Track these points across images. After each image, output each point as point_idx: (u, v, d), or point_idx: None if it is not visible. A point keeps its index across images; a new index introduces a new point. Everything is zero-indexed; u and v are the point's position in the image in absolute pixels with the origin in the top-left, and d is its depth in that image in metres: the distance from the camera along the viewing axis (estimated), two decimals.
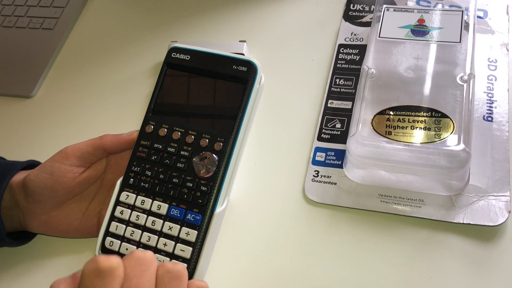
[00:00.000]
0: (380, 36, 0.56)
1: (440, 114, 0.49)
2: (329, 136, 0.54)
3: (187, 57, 0.50)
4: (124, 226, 0.46)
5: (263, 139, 0.56)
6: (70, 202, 0.49)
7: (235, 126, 0.47)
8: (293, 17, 0.67)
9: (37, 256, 0.52)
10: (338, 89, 0.57)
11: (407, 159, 0.47)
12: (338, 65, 0.59)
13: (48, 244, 0.52)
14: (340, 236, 0.48)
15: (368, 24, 0.62)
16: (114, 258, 0.34)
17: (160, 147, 0.47)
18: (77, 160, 0.48)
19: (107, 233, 0.46)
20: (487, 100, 0.53)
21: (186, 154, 0.47)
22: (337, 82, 0.58)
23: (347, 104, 0.56)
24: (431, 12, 0.57)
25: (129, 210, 0.47)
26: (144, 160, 0.48)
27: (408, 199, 0.48)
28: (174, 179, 0.46)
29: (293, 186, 0.52)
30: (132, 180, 0.47)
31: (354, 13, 0.63)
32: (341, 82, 0.58)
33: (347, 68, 0.59)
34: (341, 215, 0.49)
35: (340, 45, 0.61)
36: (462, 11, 0.55)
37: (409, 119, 0.49)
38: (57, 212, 0.49)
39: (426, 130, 0.48)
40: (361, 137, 0.48)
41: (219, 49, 0.50)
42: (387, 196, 0.49)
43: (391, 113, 0.50)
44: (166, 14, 0.72)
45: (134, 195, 0.47)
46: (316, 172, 0.52)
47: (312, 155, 0.53)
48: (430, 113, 0.49)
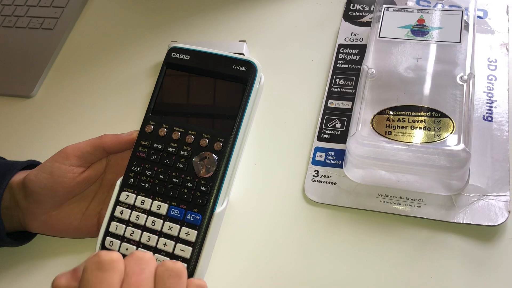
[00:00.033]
0: (380, 36, 0.56)
1: (440, 114, 0.49)
2: (329, 136, 0.54)
3: (187, 57, 0.50)
4: (124, 226, 0.46)
5: (263, 139, 0.56)
6: (70, 202, 0.49)
7: (235, 126, 0.47)
8: (293, 17, 0.67)
9: (37, 256, 0.52)
10: (338, 89, 0.57)
11: (407, 159, 0.47)
12: (338, 65, 0.59)
13: (48, 244, 0.52)
14: (340, 236, 0.48)
15: (368, 24, 0.62)
16: (115, 253, 0.35)
17: (160, 147, 0.47)
18: (77, 160, 0.48)
19: (107, 233, 0.46)
20: (487, 100, 0.53)
21: (186, 154, 0.47)
22: (337, 82, 0.58)
23: (347, 104, 0.56)
24: (431, 12, 0.57)
25: (129, 210, 0.46)
26: (144, 160, 0.48)
27: (408, 199, 0.48)
28: (174, 179, 0.46)
29: (293, 186, 0.52)
30: (132, 180, 0.47)
31: (354, 13, 0.63)
32: (341, 82, 0.58)
33: (347, 68, 0.59)
34: (341, 215, 0.49)
35: (340, 45, 0.61)
36: (462, 11, 0.55)
37: (409, 119, 0.49)
38: (57, 212, 0.49)
39: (426, 130, 0.48)
40: (361, 137, 0.49)
41: (219, 49, 0.50)
42: (387, 196, 0.49)
43: (391, 113, 0.50)
44: (166, 14, 0.72)
45: (134, 195, 0.47)
46: (316, 172, 0.52)
47: (312, 155, 0.53)
48: (430, 113, 0.49)
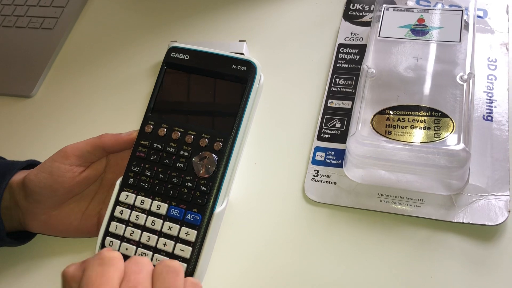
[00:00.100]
0: (380, 35, 0.56)
1: (440, 114, 0.49)
2: (329, 136, 0.54)
3: (187, 57, 0.50)
4: (123, 226, 0.46)
5: (262, 139, 0.56)
6: (70, 201, 0.49)
7: (234, 125, 0.46)
8: (293, 17, 0.67)
9: (37, 256, 0.52)
10: (338, 89, 0.57)
11: (407, 159, 0.47)
12: (338, 65, 0.59)
13: (48, 244, 0.52)
14: (340, 236, 0.48)
15: (368, 23, 0.62)
16: (116, 252, 0.38)
17: (160, 147, 0.47)
18: (77, 160, 0.48)
19: (106, 233, 0.46)
20: (487, 100, 0.53)
21: (185, 154, 0.47)
22: (337, 82, 0.58)
23: (347, 104, 0.56)
24: (431, 11, 0.56)
25: (129, 210, 0.46)
26: (144, 160, 0.48)
27: (408, 198, 0.48)
28: (173, 179, 0.46)
29: (293, 186, 0.52)
30: (131, 180, 0.47)
31: (354, 13, 0.63)
32: (341, 82, 0.58)
33: (347, 68, 0.59)
34: (341, 215, 0.49)
35: (340, 45, 0.61)
36: (462, 11, 0.55)
37: (409, 119, 0.49)
38: (56, 212, 0.49)
39: (426, 129, 0.48)
40: (361, 136, 0.48)
41: (219, 49, 0.50)
42: (387, 195, 0.49)
43: (391, 112, 0.50)
44: (166, 14, 0.72)
45: (134, 195, 0.47)
46: (316, 171, 0.52)
47: (312, 155, 0.53)
48: (430, 112, 0.49)
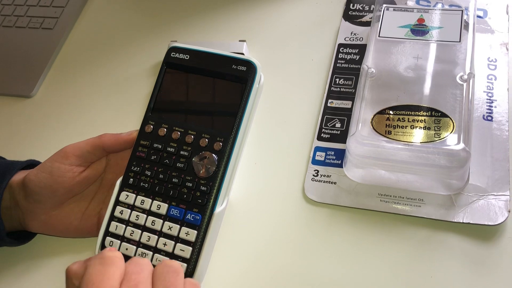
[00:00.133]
0: (380, 35, 0.56)
1: (440, 114, 0.49)
2: (329, 136, 0.54)
3: (187, 57, 0.50)
4: (124, 226, 0.46)
5: (263, 139, 0.56)
6: (70, 201, 0.49)
7: (234, 125, 0.46)
8: (293, 16, 0.67)
9: (37, 256, 0.52)
10: (338, 89, 0.57)
11: (407, 159, 0.47)
12: (338, 65, 0.59)
13: (48, 244, 0.52)
14: (340, 236, 0.48)
15: (368, 23, 0.62)
16: (117, 252, 0.38)
17: (160, 147, 0.47)
18: (77, 160, 0.48)
19: (107, 233, 0.46)
20: (487, 100, 0.53)
21: (185, 154, 0.47)
22: (337, 82, 0.58)
23: (347, 104, 0.56)
24: (430, 11, 0.56)
25: (129, 210, 0.47)
26: (144, 160, 0.48)
27: (408, 198, 0.48)
28: (173, 179, 0.46)
29: (293, 186, 0.52)
30: (131, 180, 0.47)
31: (354, 13, 0.63)
32: (341, 82, 0.58)
33: (347, 68, 0.59)
34: (341, 215, 0.49)
35: (340, 45, 0.61)
36: (462, 11, 0.55)
37: (409, 119, 0.49)
38: (57, 212, 0.49)
39: (426, 129, 0.48)
40: (361, 136, 0.48)
41: (219, 48, 0.50)
42: (387, 195, 0.49)
43: (391, 112, 0.50)
44: (166, 14, 0.72)
45: (134, 195, 0.47)
46: (316, 171, 0.52)
47: (312, 155, 0.53)
48: (430, 112, 0.49)
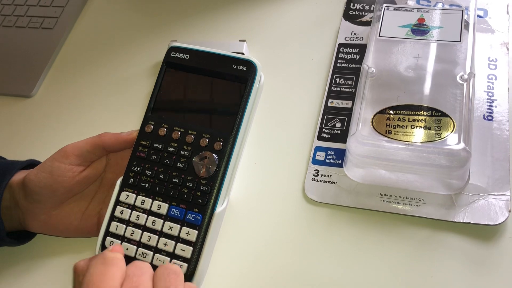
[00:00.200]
0: (380, 35, 0.56)
1: (440, 113, 0.49)
2: (329, 135, 0.54)
3: (187, 56, 0.50)
4: (124, 226, 0.46)
5: (263, 139, 0.56)
6: (70, 201, 0.49)
7: (235, 125, 0.46)
8: (293, 16, 0.66)
9: (37, 256, 0.52)
10: (338, 88, 0.57)
11: (407, 158, 0.47)
12: (338, 64, 0.59)
13: (48, 244, 0.52)
14: (340, 236, 0.48)
15: (368, 23, 0.62)
16: (118, 253, 0.39)
17: (160, 146, 0.47)
18: (77, 159, 0.48)
19: (107, 233, 0.46)
20: (487, 99, 0.53)
21: (186, 153, 0.47)
22: (337, 81, 0.58)
23: (347, 103, 0.55)
24: (431, 11, 0.56)
25: (129, 210, 0.46)
26: (144, 160, 0.47)
27: (408, 198, 0.48)
28: (174, 179, 0.46)
29: (293, 186, 0.52)
30: (132, 180, 0.47)
31: (354, 13, 0.63)
32: (341, 81, 0.58)
33: (347, 67, 0.59)
34: (341, 214, 0.49)
35: (340, 44, 0.61)
36: (462, 10, 0.55)
37: (409, 118, 0.49)
38: (57, 212, 0.49)
39: (426, 129, 0.48)
40: (361, 136, 0.48)
41: (219, 48, 0.50)
42: (387, 195, 0.49)
43: (391, 112, 0.50)
44: (166, 14, 0.72)
45: (134, 195, 0.47)
46: (316, 171, 0.52)
47: (312, 155, 0.53)
48: (430, 112, 0.49)
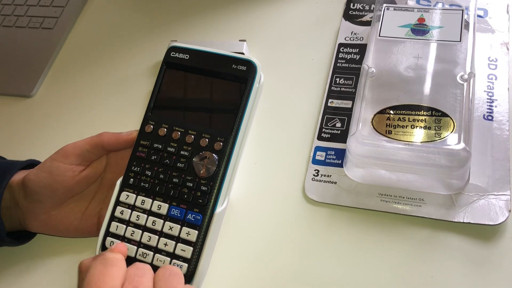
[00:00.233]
0: (380, 35, 0.56)
1: (440, 113, 0.49)
2: (329, 135, 0.54)
3: (186, 56, 0.50)
4: (124, 226, 0.46)
5: (263, 139, 0.56)
6: (70, 201, 0.49)
7: (235, 125, 0.46)
8: (293, 16, 0.66)
9: (37, 256, 0.52)
10: (338, 88, 0.57)
11: (407, 158, 0.47)
12: (338, 64, 0.59)
13: (48, 244, 0.52)
14: (340, 236, 0.48)
15: (368, 23, 0.62)
16: (119, 253, 0.39)
17: (160, 147, 0.47)
18: (76, 159, 0.48)
19: (107, 233, 0.46)
20: (487, 99, 0.53)
21: (186, 154, 0.47)
22: (337, 81, 0.58)
23: (347, 103, 0.55)
24: (431, 11, 0.56)
25: (129, 210, 0.46)
26: (144, 160, 0.47)
27: (408, 198, 0.48)
28: (174, 179, 0.46)
29: (293, 186, 0.52)
30: (132, 180, 0.47)
31: (354, 12, 0.63)
32: (341, 81, 0.58)
33: (347, 67, 0.59)
34: (341, 214, 0.49)
35: (340, 44, 0.61)
36: (462, 10, 0.55)
37: (409, 118, 0.49)
38: (57, 212, 0.49)
39: (426, 129, 0.48)
40: (361, 136, 0.48)
41: (219, 48, 0.50)
42: (387, 195, 0.49)
43: (391, 112, 0.50)
44: (166, 14, 0.72)
45: (134, 195, 0.47)
46: (316, 171, 0.52)
47: (312, 154, 0.53)
48: (430, 112, 0.49)
